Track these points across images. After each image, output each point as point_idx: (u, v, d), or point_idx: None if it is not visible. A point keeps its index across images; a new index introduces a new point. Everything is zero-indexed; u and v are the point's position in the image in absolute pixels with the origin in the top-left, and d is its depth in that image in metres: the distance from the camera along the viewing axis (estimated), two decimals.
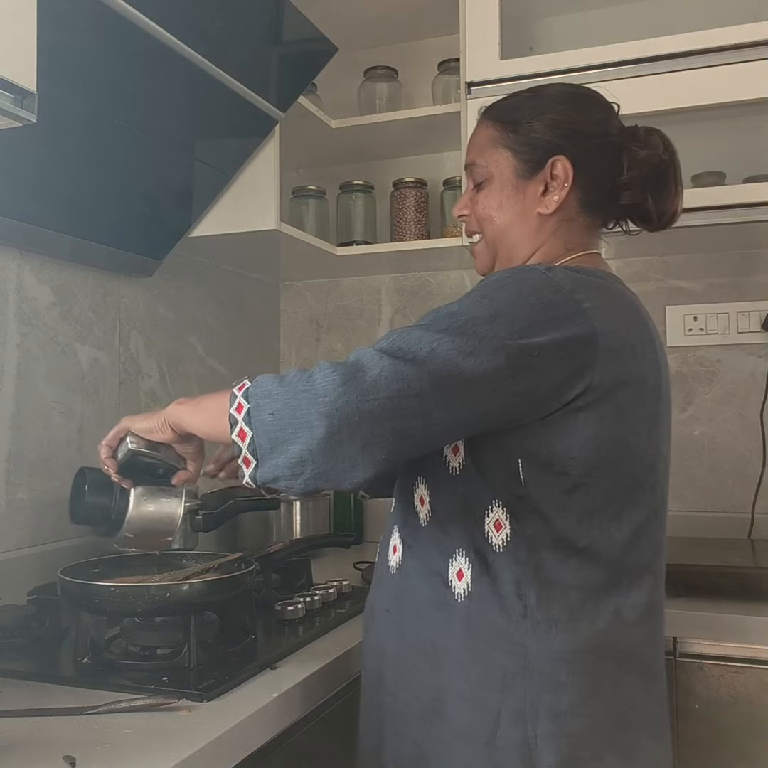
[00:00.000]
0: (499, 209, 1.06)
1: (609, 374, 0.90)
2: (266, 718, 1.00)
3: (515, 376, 0.85)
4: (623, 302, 0.99)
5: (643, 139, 1.06)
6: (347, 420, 0.79)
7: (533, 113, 1.05)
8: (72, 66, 1.23)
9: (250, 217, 1.76)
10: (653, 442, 0.97)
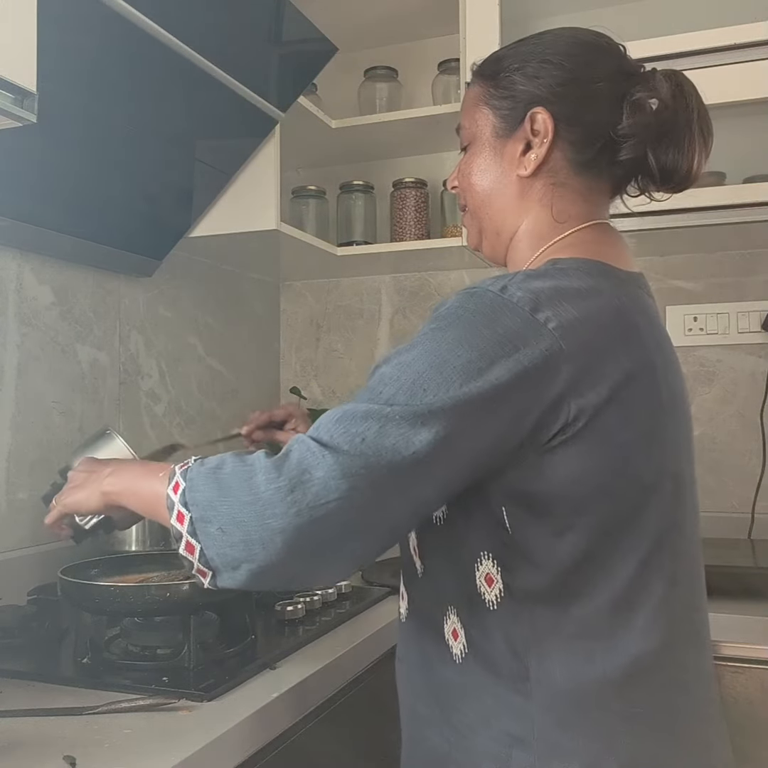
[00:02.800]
0: (477, 174, 0.95)
1: (587, 401, 0.78)
2: (266, 718, 0.99)
3: (477, 431, 0.76)
4: (603, 309, 0.82)
5: (647, 80, 0.90)
6: (303, 531, 0.73)
7: (516, 62, 0.92)
8: (72, 66, 1.23)
9: (250, 217, 1.76)
10: (655, 459, 0.86)
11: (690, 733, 0.86)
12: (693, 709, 0.87)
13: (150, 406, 1.84)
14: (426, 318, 0.84)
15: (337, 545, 0.76)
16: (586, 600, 0.81)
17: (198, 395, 2.02)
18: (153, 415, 1.85)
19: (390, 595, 1.51)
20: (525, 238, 0.94)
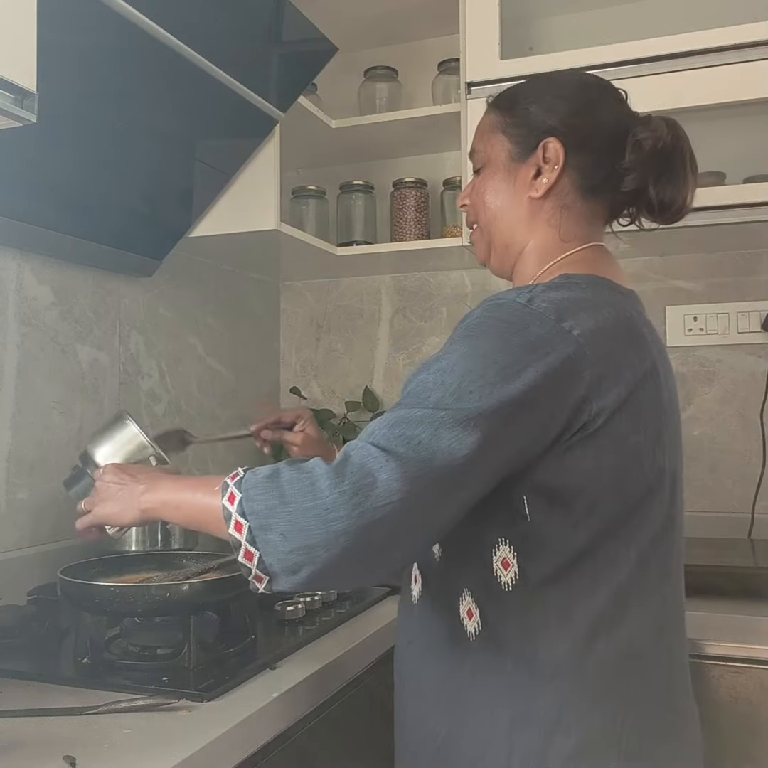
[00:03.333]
0: (490, 194, 1.03)
1: (606, 402, 0.86)
2: (266, 718, 1.00)
3: (518, 431, 0.83)
4: (616, 319, 0.92)
5: (648, 122, 0.99)
6: (366, 531, 0.77)
7: (531, 97, 1.02)
8: (72, 66, 1.23)
9: (250, 217, 1.76)
10: (657, 459, 0.92)
11: (682, 710, 0.98)
12: (680, 690, 0.99)
13: (150, 406, 1.84)
14: (440, 325, 0.87)
15: (395, 544, 0.80)
16: (594, 587, 0.88)
17: (198, 395, 2.02)
18: (153, 415, 1.85)
19: (390, 595, 1.51)
20: (532, 254, 1.02)
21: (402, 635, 1.03)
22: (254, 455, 2.24)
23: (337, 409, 2.30)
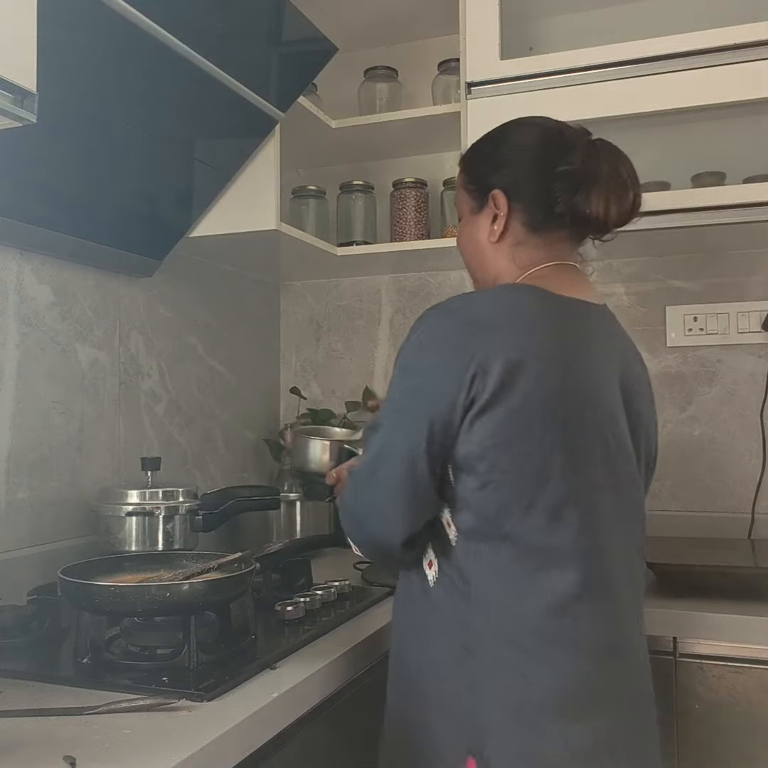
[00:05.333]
0: (465, 241, 1.23)
1: (492, 384, 0.98)
2: (266, 718, 1.00)
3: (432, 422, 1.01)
4: (527, 314, 1.05)
5: (565, 154, 1.12)
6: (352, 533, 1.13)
7: (476, 157, 1.21)
8: (72, 66, 1.23)
9: (250, 217, 1.76)
10: (552, 435, 1.01)
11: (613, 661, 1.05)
12: (615, 639, 1.06)
13: (150, 406, 1.84)
14: None
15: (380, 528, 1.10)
16: (512, 541, 1.01)
17: (198, 395, 2.02)
18: (153, 415, 1.85)
19: (390, 595, 1.51)
20: (502, 282, 1.17)
21: (396, 595, 1.19)
22: (253, 455, 2.24)
23: (337, 409, 2.30)
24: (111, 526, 1.55)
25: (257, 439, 2.26)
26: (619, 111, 1.71)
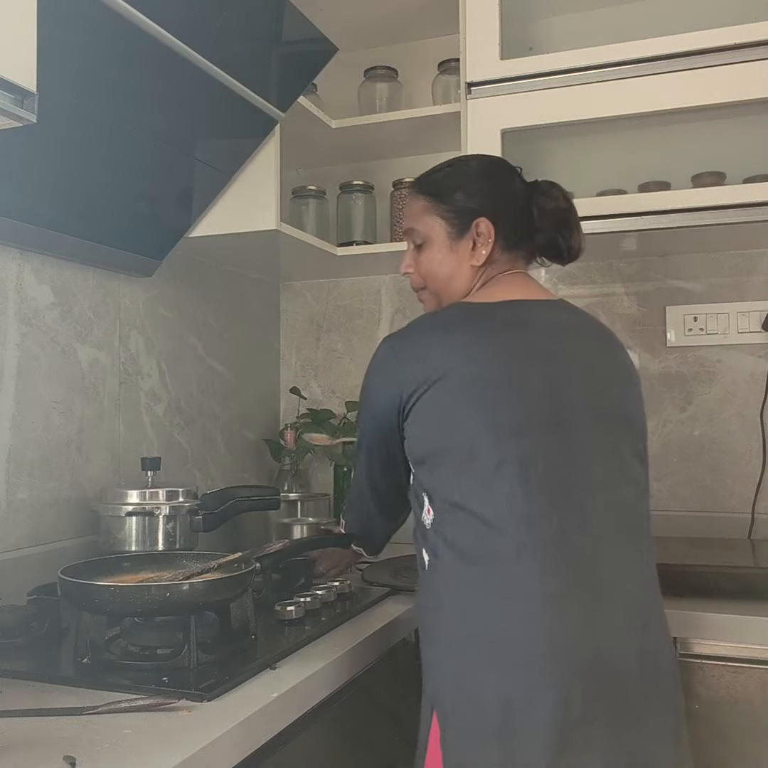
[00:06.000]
0: (439, 266, 1.30)
1: (417, 383, 1.14)
2: (266, 718, 1.00)
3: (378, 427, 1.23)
4: (430, 323, 1.22)
5: (545, 191, 1.29)
6: None
7: (455, 185, 1.28)
8: (72, 66, 1.23)
9: (250, 217, 1.76)
10: (476, 420, 1.12)
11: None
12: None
13: (150, 406, 1.84)
14: None
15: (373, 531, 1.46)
16: (464, 518, 1.11)
17: (198, 395, 2.02)
18: (153, 415, 1.85)
19: (390, 595, 1.51)
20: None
21: None
22: (253, 455, 2.24)
23: (337, 409, 2.30)
24: (111, 526, 1.55)
25: (257, 439, 2.26)
26: (619, 111, 1.71)
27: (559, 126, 1.77)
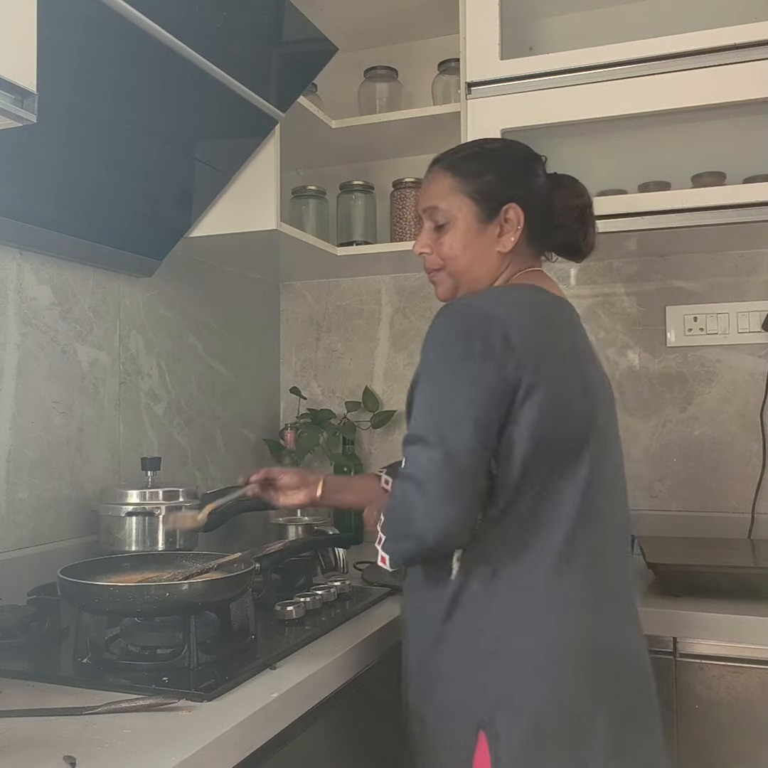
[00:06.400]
0: (464, 249, 1.23)
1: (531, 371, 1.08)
2: (266, 718, 1.00)
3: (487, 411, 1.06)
4: (537, 310, 1.16)
5: (569, 186, 1.26)
6: (430, 536, 1.06)
7: (486, 167, 1.23)
8: (72, 66, 1.23)
9: (250, 217, 1.76)
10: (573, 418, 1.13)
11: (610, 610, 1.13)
12: (613, 594, 1.13)
13: (150, 406, 1.84)
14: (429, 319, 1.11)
15: (454, 523, 1.05)
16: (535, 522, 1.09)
17: (198, 395, 2.02)
18: (153, 415, 1.85)
19: (390, 595, 1.51)
20: None
21: (404, 586, 1.23)
22: (253, 455, 2.24)
23: (337, 409, 2.30)
24: (111, 526, 1.55)
25: (257, 439, 2.26)
26: (619, 111, 1.71)
27: (559, 126, 1.77)
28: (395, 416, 2.24)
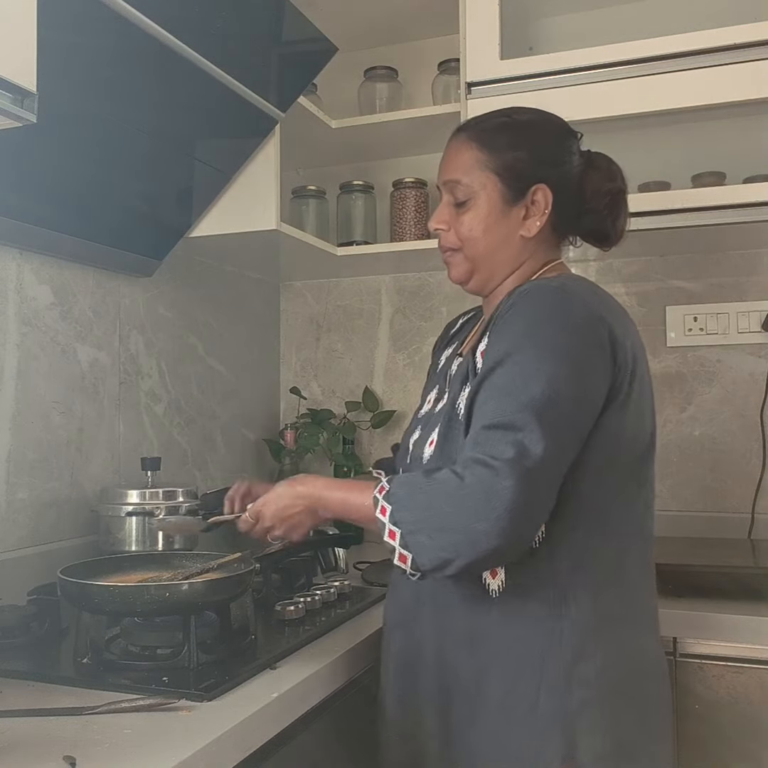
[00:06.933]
0: (485, 232, 1.13)
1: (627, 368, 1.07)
2: (266, 718, 1.00)
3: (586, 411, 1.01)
4: (616, 305, 1.11)
5: (602, 167, 1.15)
6: (504, 530, 0.90)
7: (516, 141, 1.13)
8: (72, 66, 1.23)
9: (250, 217, 1.76)
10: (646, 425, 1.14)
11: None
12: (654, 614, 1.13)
13: (150, 406, 1.84)
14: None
15: (526, 531, 0.94)
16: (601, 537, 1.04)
17: (198, 395, 2.02)
18: (153, 415, 1.85)
19: None
20: (515, 281, 1.15)
21: (409, 595, 1.12)
22: (253, 455, 2.24)
23: (337, 409, 2.30)
24: (111, 526, 1.55)
25: (257, 439, 2.26)
26: (619, 111, 1.71)
27: None
28: (395, 416, 2.24)
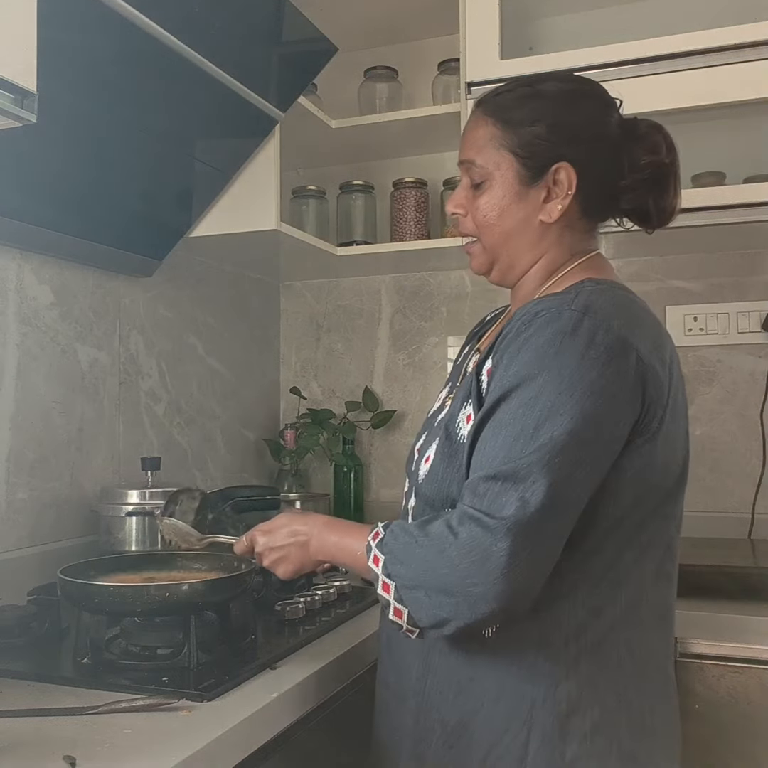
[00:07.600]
0: (500, 217, 1.02)
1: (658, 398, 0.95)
2: (266, 718, 1.00)
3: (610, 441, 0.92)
4: (650, 318, 0.98)
5: (644, 137, 1.01)
6: (502, 593, 0.83)
7: (536, 115, 1.00)
8: (72, 66, 1.23)
9: (250, 217, 1.76)
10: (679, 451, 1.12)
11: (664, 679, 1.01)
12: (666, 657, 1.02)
13: (150, 406, 1.84)
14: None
15: (526, 590, 0.86)
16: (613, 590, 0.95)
17: (198, 395, 2.02)
18: (153, 415, 1.85)
19: None
20: (540, 272, 1.05)
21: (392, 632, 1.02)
22: (253, 455, 2.24)
23: (337, 409, 2.30)
24: (111, 526, 1.55)
25: (257, 439, 2.26)
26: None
27: None
28: (395, 416, 2.24)
